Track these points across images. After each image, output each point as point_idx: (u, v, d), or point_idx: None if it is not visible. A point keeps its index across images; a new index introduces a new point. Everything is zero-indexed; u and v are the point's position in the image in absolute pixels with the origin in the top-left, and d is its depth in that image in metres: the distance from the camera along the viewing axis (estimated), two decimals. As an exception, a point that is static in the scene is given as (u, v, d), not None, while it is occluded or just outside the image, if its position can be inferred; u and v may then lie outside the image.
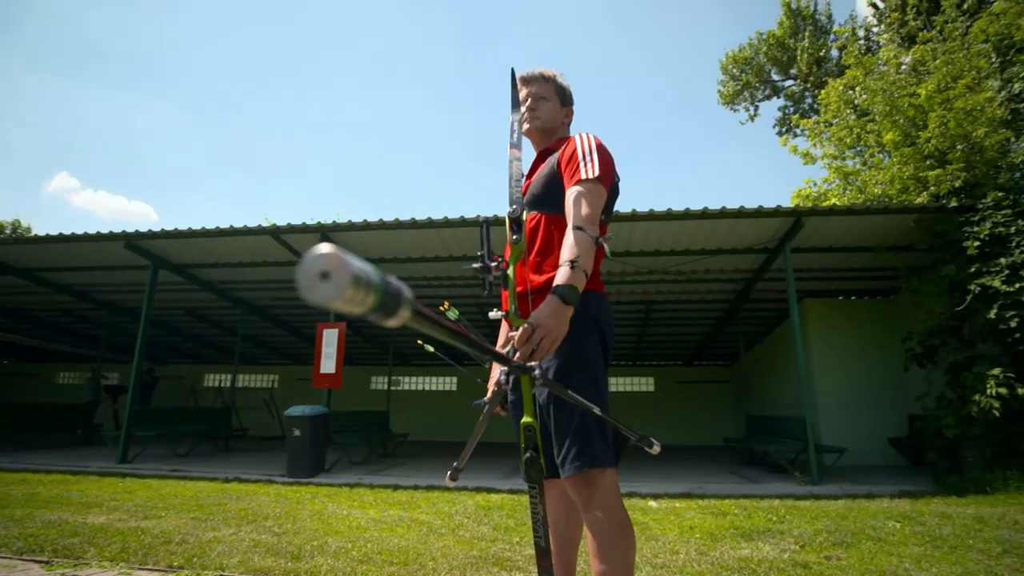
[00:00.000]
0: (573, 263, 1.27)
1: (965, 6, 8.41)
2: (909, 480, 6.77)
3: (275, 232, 7.61)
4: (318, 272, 0.32)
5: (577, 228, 1.35)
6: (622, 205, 5.94)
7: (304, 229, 7.58)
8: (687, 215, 6.96)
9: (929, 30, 9.22)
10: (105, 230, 7.96)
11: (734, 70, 24.42)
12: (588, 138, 1.55)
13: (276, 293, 10.70)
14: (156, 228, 7.89)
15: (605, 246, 1.38)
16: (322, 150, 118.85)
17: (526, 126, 1.74)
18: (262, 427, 14.84)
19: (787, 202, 12.55)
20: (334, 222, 7.48)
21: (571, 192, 1.46)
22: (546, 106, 1.75)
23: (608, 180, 1.51)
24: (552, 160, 1.62)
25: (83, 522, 3.77)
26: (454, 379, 17.54)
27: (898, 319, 8.95)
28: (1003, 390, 5.62)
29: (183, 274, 9.45)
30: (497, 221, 7.13)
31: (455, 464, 1.22)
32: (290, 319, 12.91)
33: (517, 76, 1.79)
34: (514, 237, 1.31)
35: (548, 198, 1.57)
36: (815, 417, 8.57)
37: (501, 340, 1.84)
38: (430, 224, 7.30)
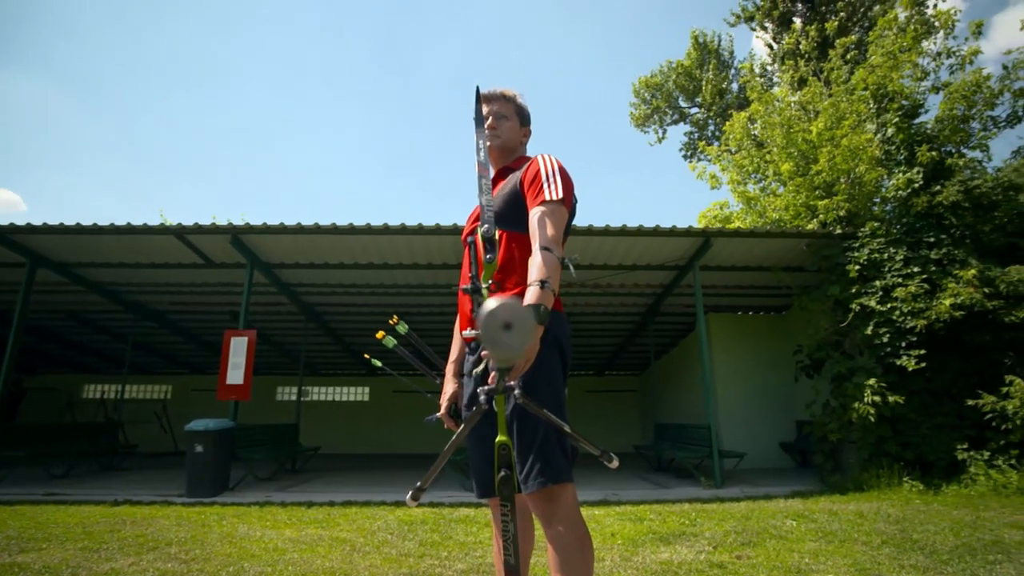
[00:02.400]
0: (543, 283, 1.31)
1: (848, 56, 9.48)
2: (798, 481, 7.42)
3: (180, 232, 7.07)
4: (500, 324, 0.32)
5: (544, 249, 1.38)
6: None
7: (213, 230, 7.10)
8: (607, 232, 7.25)
9: (819, 75, 10.29)
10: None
11: (645, 94, 25.78)
12: (551, 160, 1.60)
13: (176, 297, 9.91)
14: (25, 220, 7.10)
15: (571, 266, 1.43)
16: (223, 150, 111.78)
17: (487, 144, 1.77)
18: (153, 443, 13.62)
19: (693, 222, 13.43)
20: (247, 224, 7.06)
21: (535, 212, 1.49)
22: (506, 125, 1.79)
23: (569, 202, 1.56)
24: (514, 179, 1.65)
25: (-56, 558, 3.29)
26: (366, 389, 17.06)
27: (790, 334, 9.81)
28: (877, 398, 6.32)
29: (66, 274, 8.51)
30: (446, 230, 7.08)
31: (418, 484, 1.20)
32: (190, 325, 11.99)
33: (477, 94, 1.81)
34: (488, 256, 1.33)
35: (510, 216, 1.60)
36: (717, 424, 9.18)
37: (455, 354, 1.83)
38: (351, 230, 7.10)
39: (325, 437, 13.85)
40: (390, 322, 2.02)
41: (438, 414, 1.81)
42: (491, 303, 0.33)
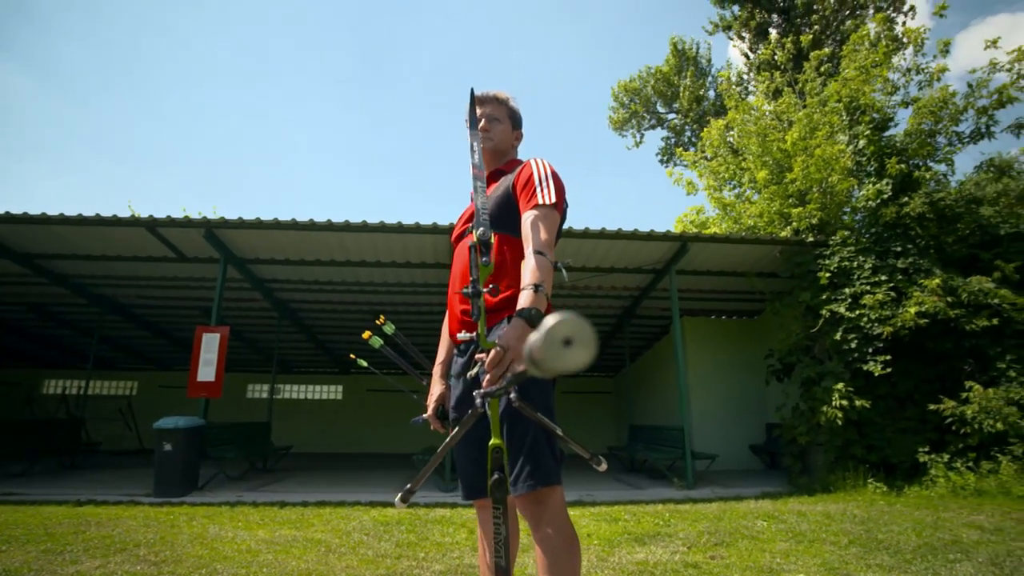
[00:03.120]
0: (537, 287, 1.32)
1: (823, 68, 9.74)
2: (768, 482, 7.58)
3: (152, 225, 6.88)
4: (561, 340, 0.33)
5: (538, 253, 1.39)
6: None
7: (186, 223, 6.94)
8: (586, 234, 7.31)
9: (793, 86, 10.53)
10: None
11: (624, 98, 26.03)
12: (544, 164, 1.61)
13: (145, 291, 9.64)
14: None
15: (563, 271, 1.45)
16: (195, 140, 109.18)
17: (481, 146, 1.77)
18: (116, 440, 13.23)
19: (670, 227, 13.62)
20: (221, 218, 6.91)
21: (528, 216, 1.50)
22: (499, 128, 1.79)
23: (561, 206, 1.58)
24: (506, 182, 1.66)
25: None
26: (340, 387, 16.87)
27: (761, 338, 10.02)
28: (844, 402, 6.51)
29: (29, 265, 8.21)
30: (434, 229, 7.03)
31: (408, 486, 1.20)
32: (159, 320, 11.68)
33: (471, 96, 1.82)
34: (484, 259, 1.33)
35: (502, 219, 1.60)
36: (690, 426, 9.32)
37: (442, 355, 1.83)
38: (329, 227, 7.02)
39: (297, 436, 13.66)
40: (377, 322, 2.01)
41: (425, 415, 1.80)
42: (550, 320, 0.33)
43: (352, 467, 10.11)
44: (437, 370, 1.83)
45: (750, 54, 20.49)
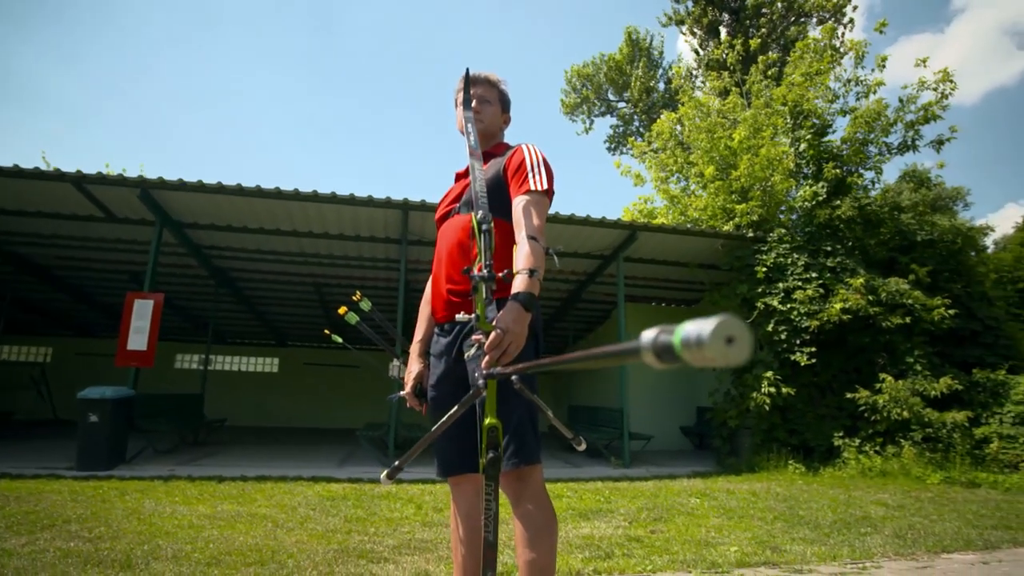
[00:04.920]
0: (532, 272, 1.36)
1: (770, 72, 10.17)
2: (698, 462, 8.03)
3: (79, 180, 6.38)
4: (725, 337, 0.36)
5: (532, 238, 1.43)
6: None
7: (119, 181, 6.47)
8: (541, 218, 7.37)
9: (740, 87, 10.94)
10: None
11: (577, 83, 26.14)
12: (535, 151, 1.64)
13: (67, 252, 8.94)
14: None
15: (555, 257, 1.49)
16: (119, 95, 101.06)
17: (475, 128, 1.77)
18: (28, 410, 12.34)
19: (617, 214, 13.91)
20: (160, 178, 6.49)
21: (521, 201, 1.53)
22: (489, 110, 1.80)
23: (551, 193, 1.62)
24: (497, 165, 1.68)
25: None
26: (276, 360, 16.36)
27: (698, 326, 10.48)
28: (772, 390, 6.96)
29: (-70, 217, 7.45)
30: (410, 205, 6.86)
31: (396, 463, 1.21)
32: (81, 283, 10.88)
33: (461, 77, 1.81)
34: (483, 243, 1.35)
35: (493, 203, 1.62)
36: (628, 408, 9.69)
37: (420, 333, 1.84)
38: (278, 195, 6.75)
39: (231, 409, 13.17)
40: (353, 298, 1.99)
41: (402, 392, 1.82)
42: (713, 321, 0.36)
43: (290, 442, 9.89)
44: (415, 348, 1.84)
45: (700, 50, 21.05)
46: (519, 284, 1.35)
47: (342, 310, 1.95)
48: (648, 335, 0.43)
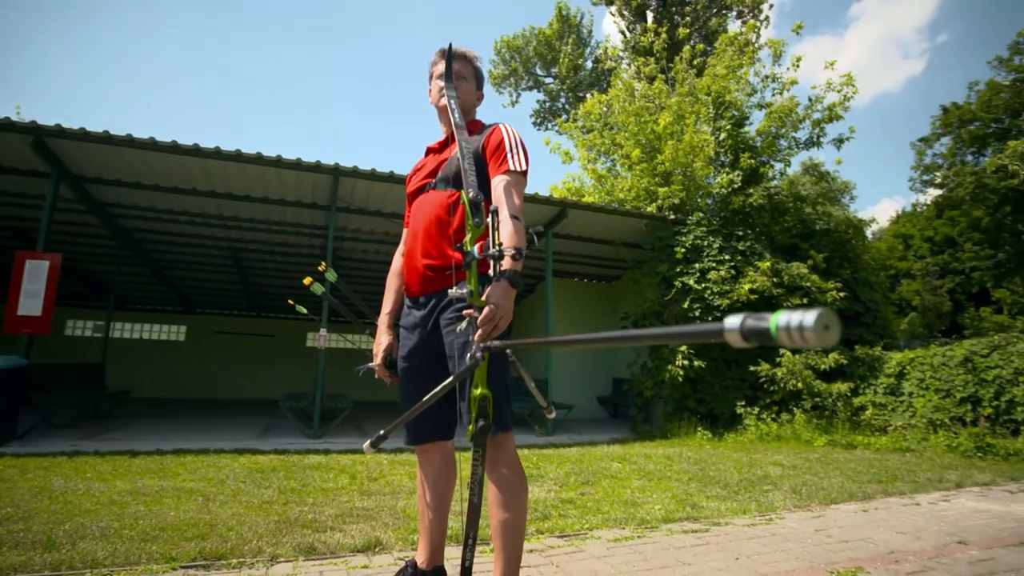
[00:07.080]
0: (517, 251, 1.44)
1: (695, 62, 10.65)
2: (615, 429, 8.53)
3: (-45, 122, 5.62)
4: (824, 325, 0.45)
5: (514, 217, 1.50)
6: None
7: (8, 126, 5.76)
8: (475, 191, 7.38)
9: (666, 74, 11.37)
10: None
11: (506, 54, 25.92)
12: (513, 131, 1.70)
13: (-67, 202, 7.87)
14: None
15: (535, 237, 1.57)
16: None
17: (442, 102, 1.79)
18: None
19: (545, 191, 14.11)
20: (58, 125, 5.84)
21: (501, 180, 1.59)
22: (464, 86, 1.83)
23: (527, 173, 1.69)
24: (474, 143, 1.72)
25: None
26: (182, 328, 15.36)
27: (617, 302, 11.01)
28: (685, 362, 7.51)
29: None
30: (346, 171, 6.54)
31: (381, 432, 1.27)
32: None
33: (438, 51, 1.83)
34: (475, 220, 1.41)
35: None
36: (551, 378, 10.07)
37: (389, 305, 1.87)
38: (196, 152, 6.28)
39: (133, 380, 12.28)
40: (319, 268, 1.98)
41: (372, 363, 1.85)
42: (815, 311, 0.46)
43: (200, 413, 9.42)
44: (384, 320, 1.87)
45: (627, 32, 21.50)
46: (506, 263, 1.42)
47: (307, 280, 1.94)
48: (734, 320, 0.53)
